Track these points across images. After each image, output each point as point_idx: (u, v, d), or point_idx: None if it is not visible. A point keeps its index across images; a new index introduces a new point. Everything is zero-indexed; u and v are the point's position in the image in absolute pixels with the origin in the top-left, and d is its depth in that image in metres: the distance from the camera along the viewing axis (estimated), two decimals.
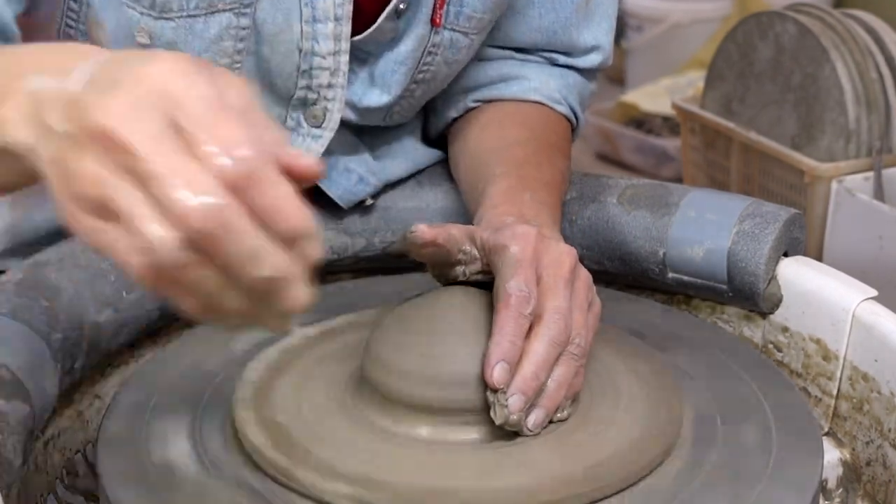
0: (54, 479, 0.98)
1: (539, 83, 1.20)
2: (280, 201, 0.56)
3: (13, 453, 0.85)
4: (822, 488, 0.97)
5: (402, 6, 1.07)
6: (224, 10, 1.03)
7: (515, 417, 0.83)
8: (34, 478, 0.94)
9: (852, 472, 1.01)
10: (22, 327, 0.91)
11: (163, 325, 1.09)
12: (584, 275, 0.90)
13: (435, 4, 1.09)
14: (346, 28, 1.06)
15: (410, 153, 1.23)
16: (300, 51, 1.07)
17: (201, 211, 0.54)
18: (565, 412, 0.86)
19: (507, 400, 0.83)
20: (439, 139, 1.27)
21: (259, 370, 0.95)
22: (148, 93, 0.56)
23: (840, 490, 1.00)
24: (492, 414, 0.83)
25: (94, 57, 0.62)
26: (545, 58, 1.23)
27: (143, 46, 1.03)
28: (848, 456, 1.01)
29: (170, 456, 0.88)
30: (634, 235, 1.12)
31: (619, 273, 1.15)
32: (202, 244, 0.54)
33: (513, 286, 0.85)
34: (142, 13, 1.03)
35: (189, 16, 1.03)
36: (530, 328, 0.85)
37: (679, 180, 2.44)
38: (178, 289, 0.57)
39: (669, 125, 2.81)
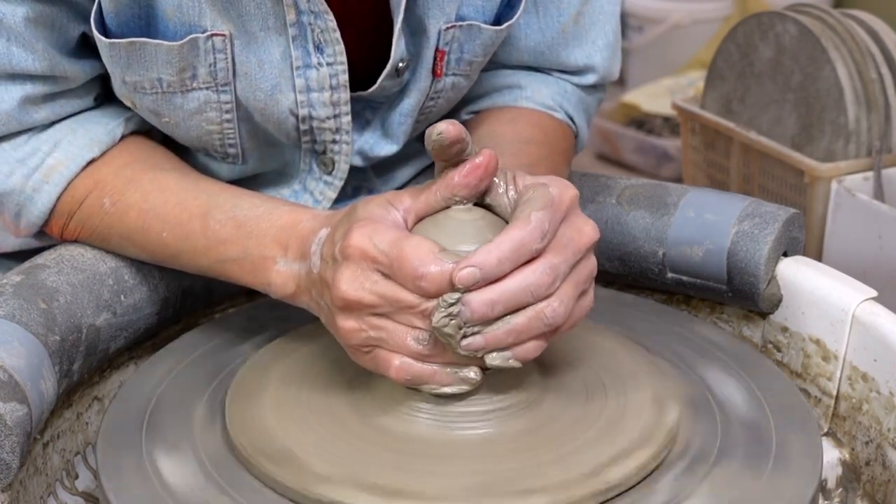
0: (54, 480, 0.98)
1: (531, 91, 1.17)
2: (432, 276, 0.80)
3: (11, 454, 0.85)
4: (822, 488, 0.97)
5: (401, 65, 1.05)
6: (200, 89, 1.02)
7: (450, 327, 0.81)
8: (33, 479, 0.94)
9: (851, 472, 1.00)
10: (19, 329, 0.91)
11: (161, 328, 1.09)
12: (593, 263, 0.87)
13: (435, 58, 1.07)
14: (344, 95, 1.05)
15: (414, 158, 1.23)
16: (297, 116, 1.06)
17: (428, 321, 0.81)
18: (497, 360, 0.83)
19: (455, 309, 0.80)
20: None
21: (254, 370, 0.95)
22: (357, 260, 0.82)
23: (839, 490, 1.00)
24: (433, 315, 0.81)
25: (317, 235, 0.89)
26: (538, 70, 1.20)
27: (132, 107, 1.05)
28: (847, 456, 1.01)
29: (169, 458, 0.88)
30: (633, 236, 1.12)
31: (619, 273, 1.15)
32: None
33: (537, 216, 0.82)
34: (120, 83, 1.03)
35: (164, 92, 1.02)
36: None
37: (679, 180, 2.44)
38: (427, 375, 0.84)
39: (670, 125, 2.81)
